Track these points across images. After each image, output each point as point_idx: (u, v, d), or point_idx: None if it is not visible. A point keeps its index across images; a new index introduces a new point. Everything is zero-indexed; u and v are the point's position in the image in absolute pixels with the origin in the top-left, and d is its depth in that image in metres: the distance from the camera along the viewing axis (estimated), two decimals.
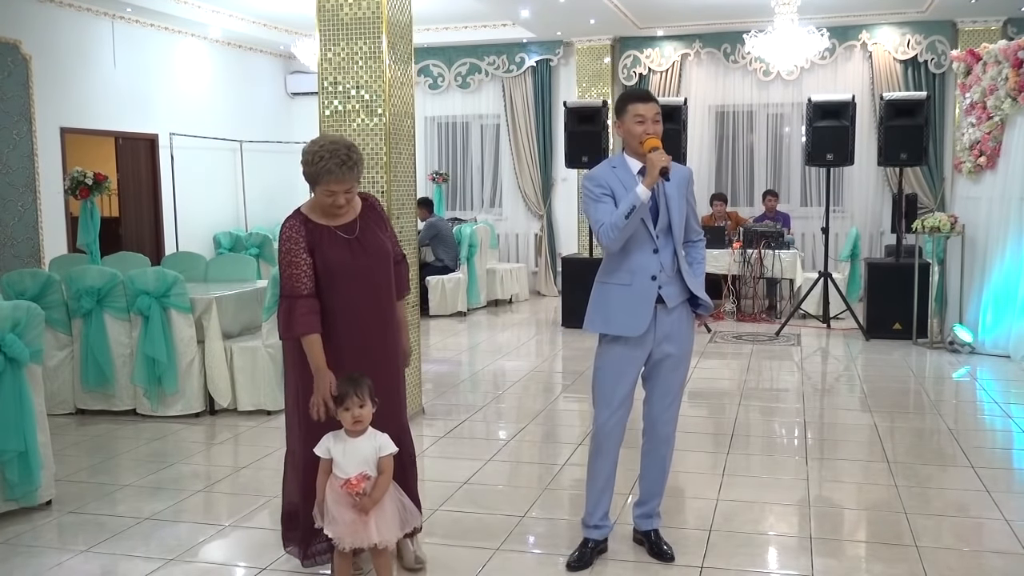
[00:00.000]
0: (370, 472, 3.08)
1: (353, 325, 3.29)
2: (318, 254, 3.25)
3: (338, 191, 3.19)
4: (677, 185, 3.52)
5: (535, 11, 10.26)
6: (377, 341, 3.36)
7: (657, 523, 3.73)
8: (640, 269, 3.48)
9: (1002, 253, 7.63)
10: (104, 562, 3.73)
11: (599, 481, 3.63)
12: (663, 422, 3.63)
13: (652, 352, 3.54)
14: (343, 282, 3.27)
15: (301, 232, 3.25)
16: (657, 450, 3.66)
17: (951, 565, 3.57)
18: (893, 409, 6.05)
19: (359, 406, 3.09)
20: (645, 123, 3.46)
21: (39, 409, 4.33)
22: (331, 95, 5.44)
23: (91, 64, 9.45)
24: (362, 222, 3.35)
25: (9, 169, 8.43)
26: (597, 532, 3.66)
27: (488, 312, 10.84)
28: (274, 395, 6.02)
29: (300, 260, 3.23)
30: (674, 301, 3.52)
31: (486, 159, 12.64)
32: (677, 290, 3.53)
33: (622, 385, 3.54)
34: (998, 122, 7.67)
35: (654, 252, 3.48)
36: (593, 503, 3.64)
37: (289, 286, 3.24)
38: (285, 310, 3.25)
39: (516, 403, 6.41)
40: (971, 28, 10.55)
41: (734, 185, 11.74)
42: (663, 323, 3.51)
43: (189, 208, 10.71)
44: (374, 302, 3.35)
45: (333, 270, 3.26)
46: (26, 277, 5.93)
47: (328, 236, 3.27)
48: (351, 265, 3.28)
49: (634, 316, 3.48)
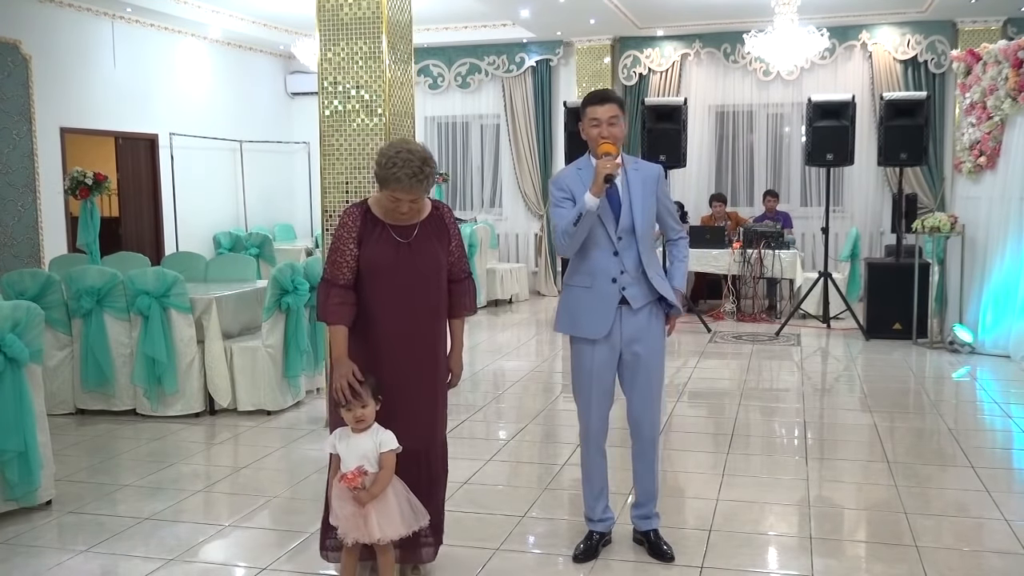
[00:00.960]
0: (369, 466, 3.09)
1: (387, 328, 3.25)
2: (365, 247, 3.22)
3: (403, 199, 3.14)
4: (643, 185, 3.47)
5: (535, 11, 10.25)
6: (412, 351, 3.27)
7: (655, 523, 3.72)
8: (600, 271, 3.47)
9: (1002, 253, 7.63)
10: (104, 562, 3.72)
11: (592, 479, 3.66)
12: (644, 425, 3.60)
13: (622, 353, 3.52)
14: (382, 283, 3.25)
15: (357, 222, 3.23)
16: (645, 453, 3.64)
17: (951, 565, 3.57)
18: (893, 409, 6.05)
19: (361, 406, 3.10)
20: (600, 126, 3.41)
21: (39, 409, 4.32)
22: (331, 95, 5.44)
23: (91, 64, 9.45)
24: (421, 229, 3.28)
25: (9, 169, 8.43)
26: (601, 525, 3.70)
27: (488, 312, 10.84)
28: (274, 395, 6.02)
29: (346, 249, 3.23)
30: (640, 302, 3.48)
31: (486, 159, 12.64)
32: (643, 291, 3.48)
33: (596, 385, 3.54)
34: (998, 122, 7.67)
35: (614, 254, 3.45)
36: (592, 500, 3.67)
37: (330, 271, 3.26)
38: (323, 293, 3.27)
39: (516, 403, 6.41)
40: (971, 28, 10.55)
41: (734, 185, 11.74)
42: (629, 324, 3.49)
43: (189, 208, 10.71)
44: (409, 311, 3.25)
45: (373, 269, 3.24)
46: (26, 277, 5.92)
47: (381, 233, 3.23)
48: (392, 269, 3.23)
49: (596, 318, 3.47)
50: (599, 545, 3.68)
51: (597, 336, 3.48)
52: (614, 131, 3.41)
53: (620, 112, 3.45)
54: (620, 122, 3.44)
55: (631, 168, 3.52)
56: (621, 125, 3.44)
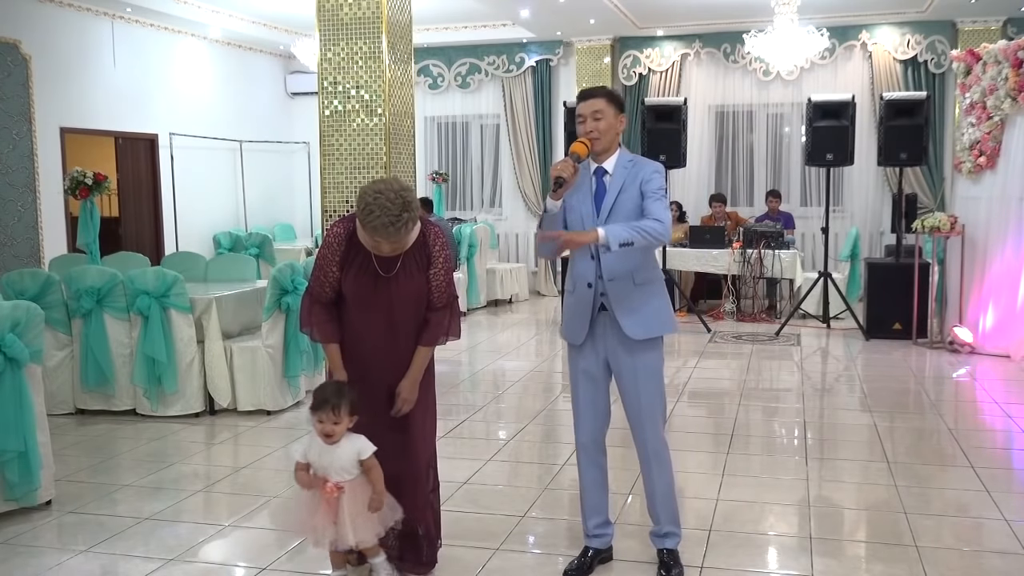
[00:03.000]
0: (347, 475, 3.09)
1: (364, 353, 3.26)
2: (347, 275, 3.20)
3: (379, 243, 3.08)
4: (631, 185, 3.28)
5: (535, 11, 10.26)
6: (393, 375, 3.26)
7: (666, 543, 3.49)
8: (579, 276, 3.35)
9: (1002, 253, 7.63)
10: (104, 562, 3.72)
11: (585, 492, 3.53)
12: (643, 439, 3.40)
13: (608, 362, 3.38)
14: (361, 311, 3.23)
15: (342, 245, 3.19)
16: (649, 470, 3.43)
17: (951, 565, 3.57)
18: (893, 409, 6.05)
19: (333, 423, 3.05)
20: (585, 122, 3.29)
21: (39, 409, 4.32)
22: (331, 95, 5.44)
23: (91, 64, 9.45)
24: (404, 261, 3.19)
25: (9, 169, 8.43)
26: (597, 541, 3.55)
27: (488, 312, 10.84)
28: (274, 395, 6.02)
29: (329, 270, 3.22)
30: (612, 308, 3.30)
31: (486, 159, 12.64)
32: (626, 298, 3.29)
33: (582, 393, 3.43)
34: (998, 122, 7.67)
35: (591, 258, 3.31)
36: (587, 513, 3.54)
37: (314, 287, 3.28)
38: (306, 306, 3.29)
39: (516, 403, 6.41)
40: (971, 28, 10.55)
41: (734, 185, 11.74)
42: (612, 333, 3.33)
43: (189, 208, 10.71)
44: (390, 338, 3.24)
45: (352, 298, 3.23)
46: (26, 277, 5.92)
47: (362, 263, 3.18)
48: (370, 301, 3.21)
49: (575, 323, 3.38)
50: (594, 561, 3.50)
51: (574, 342, 3.40)
52: (599, 125, 3.27)
53: (606, 104, 3.29)
54: (606, 115, 3.28)
55: (622, 167, 3.33)
56: (609, 118, 3.29)
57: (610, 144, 3.34)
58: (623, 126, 3.40)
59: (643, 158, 3.43)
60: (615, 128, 3.34)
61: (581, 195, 3.33)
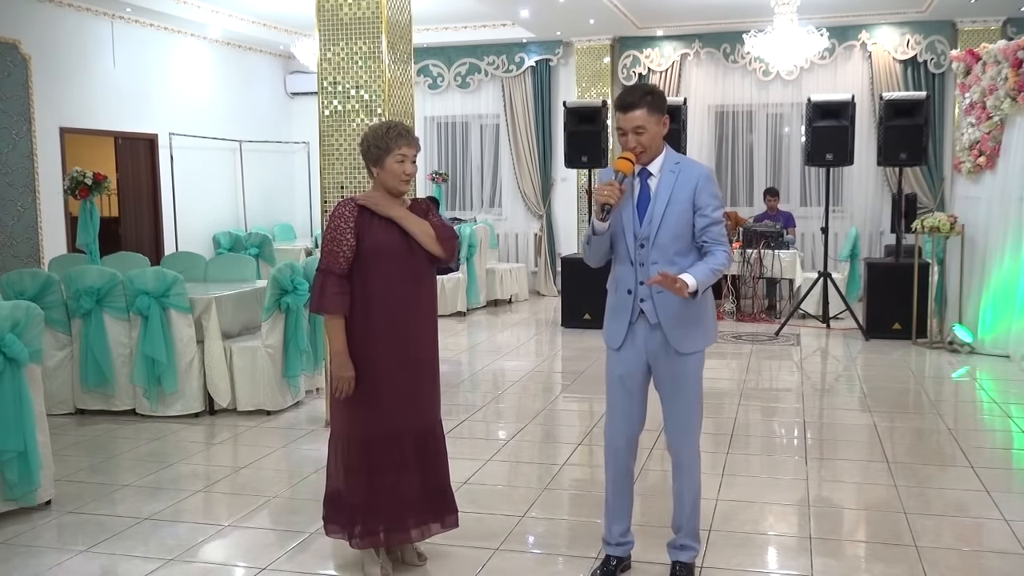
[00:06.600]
0: None
1: (391, 309, 3.36)
2: (368, 237, 3.34)
3: (408, 155, 3.36)
4: (678, 190, 3.16)
5: (535, 11, 10.26)
6: (415, 329, 3.42)
7: (681, 556, 3.42)
8: (621, 281, 3.29)
9: (1002, 253, 7.63)
10: (104, 562, 3.72)
11: (609, 498, 3.44)
12: (676, 447, 3.34)
13: (651, 367, 3.31)
14: (388, 266, 3.35)
15: (354, 213, 3.36)
16: (680, 479, 3.36)
17: (951, 565, 3.57)
18: (893, 409, 6.05)
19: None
20: (626, 135, 3.15)
21: (39, 409, 4.32)
22: (331, 95, 5.44)
23: (91, 64, 9.45)
24: None
25: (9, 169, 8.42)
26: (619, 549, 3.47)
27: (488, 312, 10.84)
28: (273, 395, 6.02)
29: (343, 239, 3.33)
30: (657, 319, 3.23)
31: (486, 159, 12.64)
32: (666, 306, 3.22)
33: (619, 401, 3.34)
34: (998, 122, 7.67)
35: (631, 264, 3.23)
36: (611, 519, 3.45)
37: (327, 261, 3.36)
38: (319, 284, 3.38)
39: (516, 403, 6.40)
40: (971, 28, 10.55)
41: (734, 185, 11.74)
42: (653, 339, 3.26)
43: (188, 208, 10.70)
44: (414, 291, 3.41)
45: (381, 251, 3.34)
46: (26, 277, 5.92)
47: (379, 222, 3.37)
48: (399, 248, 3.36)
49: (614, 327, 3.33)
50: (617, 570, 3.43)
51: (613, 345, 3.34)
52: (642, 139, 3.12)
53: (647, 115, 3.12)
54: (648, 128, 3.12)
55: (668, 170, 3.20)
56: (651, 129, 3.13)
57: (655, 151, 3.22)
58: (667, 128, 3.22)
59: (689, 159, 3.30)
60: (659, 135, 3.19)
61: (623, 199, 3.18)
